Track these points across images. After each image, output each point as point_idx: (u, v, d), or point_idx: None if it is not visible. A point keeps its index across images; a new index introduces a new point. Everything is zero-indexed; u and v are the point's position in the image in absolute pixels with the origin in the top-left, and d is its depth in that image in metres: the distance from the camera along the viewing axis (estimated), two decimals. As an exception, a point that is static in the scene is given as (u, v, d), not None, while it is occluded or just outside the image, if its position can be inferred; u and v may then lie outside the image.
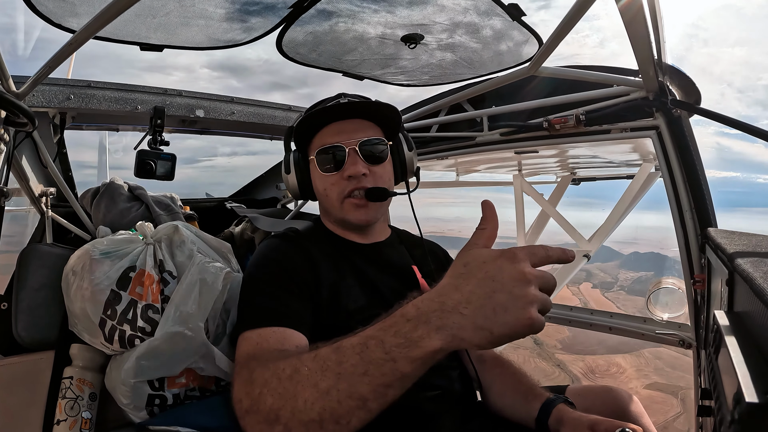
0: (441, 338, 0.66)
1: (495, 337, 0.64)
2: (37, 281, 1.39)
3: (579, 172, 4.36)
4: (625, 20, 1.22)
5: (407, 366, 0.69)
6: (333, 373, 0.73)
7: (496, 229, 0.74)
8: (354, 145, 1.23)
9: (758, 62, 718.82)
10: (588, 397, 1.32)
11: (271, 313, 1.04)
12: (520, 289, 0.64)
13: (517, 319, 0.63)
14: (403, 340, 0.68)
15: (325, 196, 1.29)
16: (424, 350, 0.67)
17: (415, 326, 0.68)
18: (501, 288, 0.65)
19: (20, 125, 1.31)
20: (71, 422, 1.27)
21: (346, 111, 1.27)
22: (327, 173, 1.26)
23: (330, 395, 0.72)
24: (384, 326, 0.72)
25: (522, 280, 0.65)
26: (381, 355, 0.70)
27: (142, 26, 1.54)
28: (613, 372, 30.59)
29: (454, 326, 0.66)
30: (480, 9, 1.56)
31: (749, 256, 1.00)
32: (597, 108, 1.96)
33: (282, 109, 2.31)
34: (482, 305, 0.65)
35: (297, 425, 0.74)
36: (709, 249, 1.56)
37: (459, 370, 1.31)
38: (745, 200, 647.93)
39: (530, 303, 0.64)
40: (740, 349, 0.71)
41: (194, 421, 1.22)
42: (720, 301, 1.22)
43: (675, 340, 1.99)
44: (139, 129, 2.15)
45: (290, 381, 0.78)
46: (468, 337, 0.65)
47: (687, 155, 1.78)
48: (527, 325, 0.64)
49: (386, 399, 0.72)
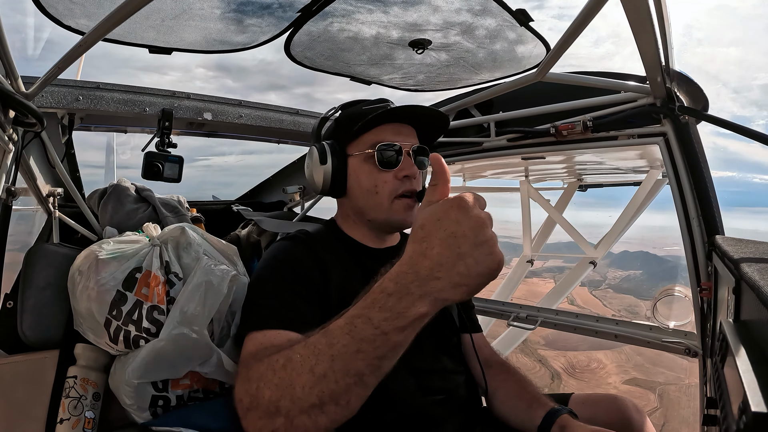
0: (425, 304, 0.68)
1: (473, 289, 0.67)
2: (43, 280, 1.39)
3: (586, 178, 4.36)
4: (633, 26, 1.22)
5: (398, 336, 0.70)
6: (326, 356, 0.74)
7: (447, 183, 0.74)
8: (409, 148, 1.27)
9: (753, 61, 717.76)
10: (592, 406, 1.31)
11: (277, 314, 1.03)
12: (482, 235, 0.67)
13: (488, 267, 0.66)
14: (390, 314, 0.70)
15: (374, 193, 1.26)
16: (412, 318, 0.69)
17: (398, 299, 0.69)
18: (465, 242, 0.66)
19: (29, 125, 1.32)
20: (74, 421, 1.28)
21: (403, 115, 1.30)
22: (384, 170, 1.25)
23: (327, 377, 0.73)
24: (366, 304, 0.73)
25: (480, 226, 0.67)
26: (371, 331, 0.71)
27: (150, 29, 1.55)
28: (594, 368, 30.64)
29: (434, 291, 0.68)
30: (488, 14, 1.56)
31: (756, 264, 1.00)
32: (604, 114, 1.96)
33: (290, 113, 2.32)
34: (454, 264, 0.66)
35: (298, 413, 0.75)
36: (716, 257, 1.55)
37: (465, 375, 1.31)
38: (741, 200, 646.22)
39: (493, 245, 0.67)
40: (747, 358, 0.70)
41: (197, 423, 1.22)
42: (727, 309, 1.22)
43: (681, 348, 1.97)
44: (147, 131, 2.17)
45: (284, 370, 0.79)
46: (449, 296, 0.68)
47: (694, 162, 1.77)
48: (497, 268, 0.67)
49: (381, 371, 0.74)
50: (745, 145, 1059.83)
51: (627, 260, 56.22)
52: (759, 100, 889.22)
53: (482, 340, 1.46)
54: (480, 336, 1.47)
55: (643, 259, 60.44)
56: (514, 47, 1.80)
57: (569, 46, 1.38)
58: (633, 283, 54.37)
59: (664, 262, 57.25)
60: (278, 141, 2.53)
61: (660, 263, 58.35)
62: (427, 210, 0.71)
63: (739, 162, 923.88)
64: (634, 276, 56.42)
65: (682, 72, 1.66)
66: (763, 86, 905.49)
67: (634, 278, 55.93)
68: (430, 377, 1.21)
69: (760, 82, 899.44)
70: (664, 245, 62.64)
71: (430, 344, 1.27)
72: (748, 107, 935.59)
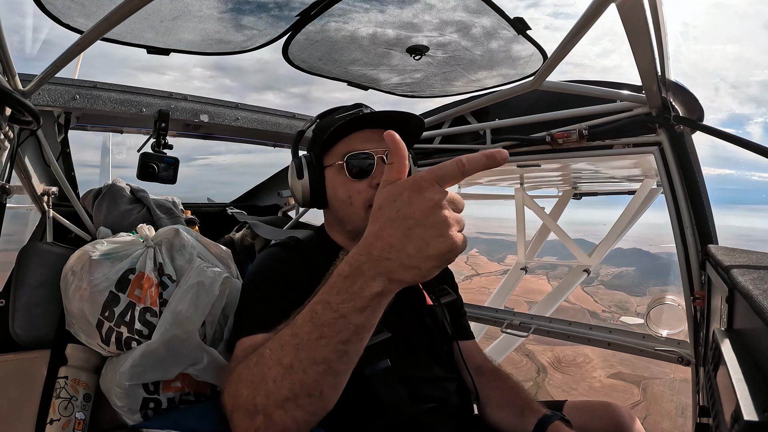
0: (378, 284, 0.68)
1: (424, 272, 0.66)
2: (36, 279, 1.38)
3: (581, 187, 4.37)
4: (630, 37, 1.23)
5: (357, 317, 0.70)
6: (291, 346, 0.75)
7: (403, 160, 0.71)
8: (383, 155, 1.23)
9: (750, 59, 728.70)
10: (586, 413, 1.31)
11: (265, 320, 1.02)
12: (433, 218, 0.64)
13: (438, 250, 0.64)
14: (347, 296, 0.70)
15: (349, 204, 1.26)
16: (368, 298, 0.69)
17: (353, 280, 0.69)
18: (415, 224, 0.65)
19: (25, 123, 1.31)
20: (64, 422, 1.26)
21: (374, 121, 1.27)
22: (356, 179, 1.24)
23: (294, 368, 0.74)
24: (325, 289, 0.73)
25: (432, 208, 0.64)
26: (331, 315, 0.71)
27: (149, 29, 1.55)
28: (580, 362, 31.17)
29: (386, 271, 0.67)
30: (486, 23, 1.57)
31: (749, 274, 1.00)
32: (600, 123, 1.97)
33: (286, 117, 2.32)
34: (403, 246, 0.65)
35: (273, 408, 0.76)
36: (710, 266, 1.56)
37: (457, 382, 1.30)
38: (739, 197, 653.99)
39: (447, 228, 0.64)
40: (739, 366, 0.70)
41: (187, 425, 1.21)
42: (720, 318, 1.22)
43: (674, 357, 1.98)
44: (143, 131, 2.16)
45: (257, 366, 0.80)
46: (401, 277, 0.67)
47: (689, 172, 1.79)
48: (450, 251, 0.64)
49: (349, 357, 0.74)
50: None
51: (620, 257, 56.63)
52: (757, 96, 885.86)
53: (474, 347, 1.46)
54: (472, 343, 1.47)
55: (636, 256, 60.91)
56: (511, 55, 1.81)
57: (566, 55, 1.39)
58: (625, 280, 54.89)
59: (657, 259, 57.45)
60: (274, 144, 2.53)
61: (653, 260, 58.65)
62: (384, 191, 0.70)
63: (738, 160, 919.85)
64: (627, 273, 56.94)
65: (678, 82, 1.68)
66: (760, 82, 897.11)
67: (626, 275, 56.45)
68: (421, 385, 1.20)
69: (757, 78, 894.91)
70: (660, 242, 62.96)
71: (422, 352, 1.27)
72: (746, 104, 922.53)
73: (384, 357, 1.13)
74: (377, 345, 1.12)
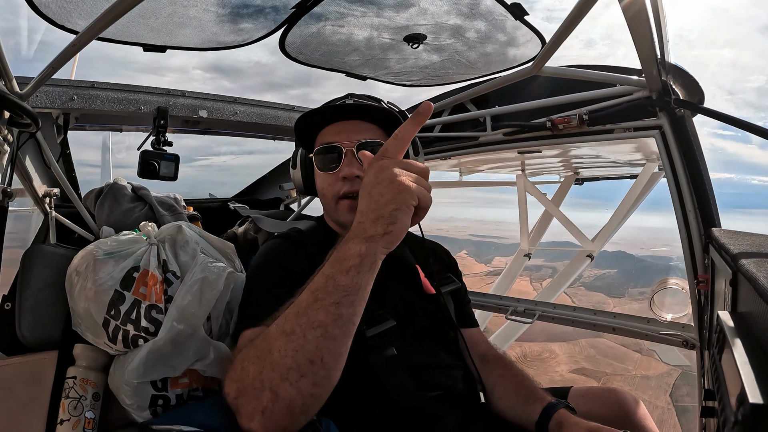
0: (356, 244, 0.81)
1: (388, 219, 0.79)
2: (41, 281, 1.39)
3: (582, 172, 4.35)
4: (628, 19, 1.22)
5: (343, 277, 0.80)
6: (293, 315, 0.83)
7: (367, 157, 0.91)
8: (351, 146, 1.23)
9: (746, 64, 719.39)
10: (591, 399, 1.32)
11: (269, 311, 1.03)
12: (382, 175, 0.80)
13: (391, 193, 0.79)
14: (334, 261, 0.83)
15: (323, 195, 1.31)
16: (350, 256, 0.81)
17: (339, 249, 0.83)
18: (372, 186, 0.81)
19: (24, 126, 1.31)
20: (74, 422, 1.27)
21: (348, 111, 1.27)
22: (325, 172, 1.26)
23: (295, 333, 0.80)
24: (325, 263, 0.85)
25: (381, 170, 0.81)
26: (323, 280, 0.82)
27: (144, 27, 1.54)
28: (545, 357, 31.62)
29: (361, 232, 0.81)
30: (483, 9, 1.56)
31: (753, 256, 1.00)
32: (600, 108, 1.96)
33: (285, 110, 2.31)
34: (368, 205, 0.81)
35: (279, 381, 0.79)
36: (713, 249, 1.55)
37: (463, 370, 1.30)
38: (740, 201, 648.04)
39: (395, 177, 0.79)
40: (744, 349, 0.70)
41: (197, 421, 1.22)
42: (724, 301, 1.22)
43: (678, 340, 1.98)
44: (142, 129, 2.16)
45: (263, 341, 0.86)
46: (374, 232, 0.80)
47: (690, 155, 1.78)
48: (400, 191, 0.78)
49: (342, 320, 0.80)
50: (743, 147, 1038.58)
51: (604, 260, 57.35)
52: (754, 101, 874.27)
53: (479, 335, 1.46)
54: (477, 331, 1.46)
55: (620, 258, 61.62)
56: (509, 41, 1.80)
57: (565, 40, 1.38)
58: (605, 282, 56.27)
59: (639, 262, 58.18)
60: (273, 137, 2.52)
61: (635, 263, 59.42)
62: (370, 171, 0.84)
63: (738, 163, 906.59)
64: (608, 275, 58.13)
65: (678, 65, 1.66)
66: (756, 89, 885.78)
67: (607, 277, 57.85)
68: (428, 373, 1.20)
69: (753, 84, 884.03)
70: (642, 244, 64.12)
71: (428, 340, 1.27)
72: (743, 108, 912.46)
73: (390, 345, 1.13)
74: (383, 333, 1.13)
